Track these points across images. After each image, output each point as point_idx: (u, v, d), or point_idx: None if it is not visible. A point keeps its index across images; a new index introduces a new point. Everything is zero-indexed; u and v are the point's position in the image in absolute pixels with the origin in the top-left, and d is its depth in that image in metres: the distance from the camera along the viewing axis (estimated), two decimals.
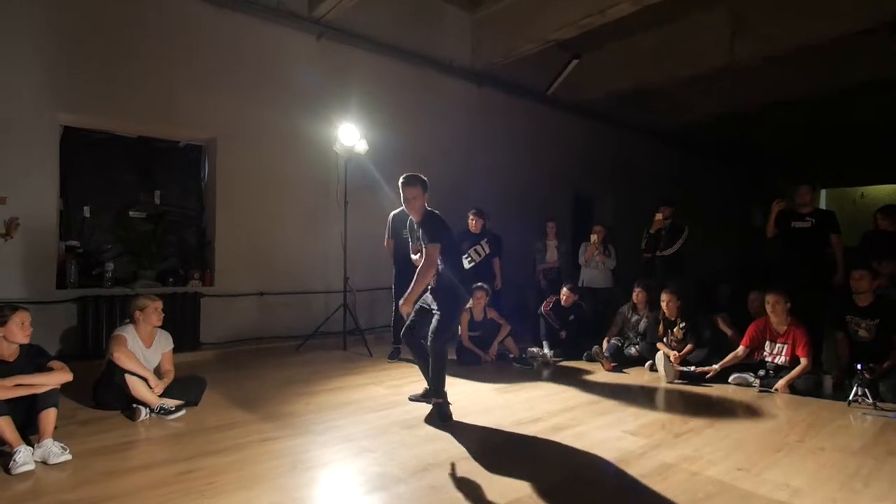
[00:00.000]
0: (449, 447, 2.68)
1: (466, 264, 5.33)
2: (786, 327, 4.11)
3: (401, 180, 3.30)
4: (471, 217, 5.40)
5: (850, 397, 3.59)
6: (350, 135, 5.25)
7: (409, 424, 3.05)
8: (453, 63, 6.92)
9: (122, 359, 3.09)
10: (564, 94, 7.95)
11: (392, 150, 6.12)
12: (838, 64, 7.07)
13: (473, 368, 4.59)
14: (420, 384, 4.05)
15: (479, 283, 4.99)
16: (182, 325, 4.74)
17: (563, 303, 5.35)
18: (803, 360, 3.95)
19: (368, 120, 5.70)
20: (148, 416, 3.05)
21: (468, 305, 4.74)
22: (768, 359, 4.17)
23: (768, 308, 4.15)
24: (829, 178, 13.20)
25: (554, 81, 7.67)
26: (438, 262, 3.19)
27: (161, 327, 3.47)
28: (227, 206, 5.22)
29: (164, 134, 5.14)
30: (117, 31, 4.56)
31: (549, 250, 6.53)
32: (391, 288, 5.14)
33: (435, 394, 3.21)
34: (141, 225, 5.06)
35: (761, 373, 4.10)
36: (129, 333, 3.26)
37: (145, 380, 3.14)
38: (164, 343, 3.44)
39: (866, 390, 3.57)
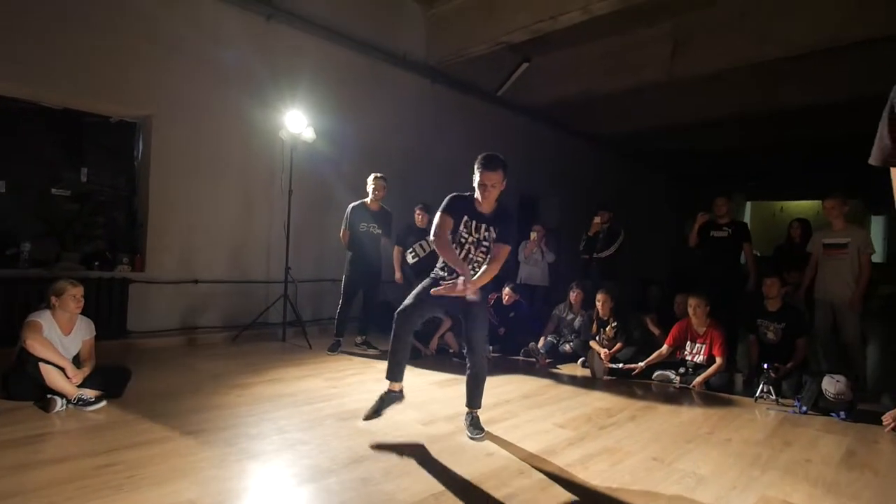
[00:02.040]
0: (382, 440, 2.70)
1: (410, 259, 5.36)
2: (705, 329, 4.42)
3: (480, 160, 2.69)
4: (417, 212, 5.43)
5: (757, 394, 3.93)
6: (297, 122, 5.15)
7: (343, 417, 3.05)
8: (407, 57, 6.90)
9: (35, 346, 2.90)
10: (515, 95, 8.13)
11: (341, 140, 6.05)
12: (770, 86, 7.61)
13: (413, 362, 4.62)
14: (361, 377, 4.05)
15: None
16: (108, 312, 4.49)
17: (504, 301, 5.49)
18: (718, 360, 4.27)
19: (317, 108, 5.60)
20: (64, 407, 2.88)
21: None
22: (688, 357, 4.47)
23: (690, 310, 4.45)
24: (755, 191, 14.24)
25: (505, 83, 7.82)
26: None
27: (84, 314, 3.28)
28: (162, 188, 4.97)
29: (94, 108, 4.82)
30: None
31: None
32: (341, 280, 5.07)
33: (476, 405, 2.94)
34: (65, 204, 4.74)
35: (681, 370, 4.40)
36: (45, 319, 3.05)
37: (62, 369, 2.96)
38: (85, 330, 3.25)
39: (771, 388, 3.91)
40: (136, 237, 5.00)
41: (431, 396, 3.63)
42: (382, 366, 4.32)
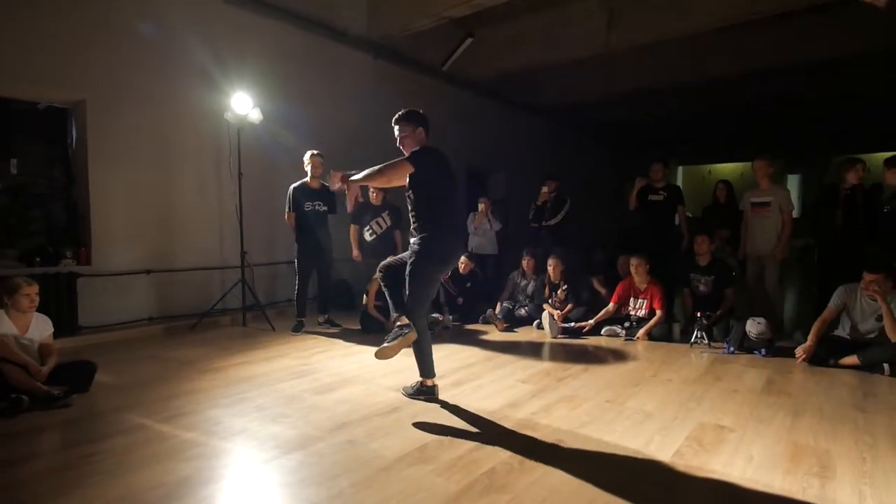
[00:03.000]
0: (360, 408, 2.86)
1: (368, 236, 5.45)
2: (646, 285, 4.83)
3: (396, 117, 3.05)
4: (371, 189, 5.49)
5: (692, 340, 4.38)
6: (243, 103, 5.04)
7: (320, 391, 3.18)
8: (349, 31, 6.81)
9: None
10: (459, 70, 8.21)
11: (287, 120, 5.97)
12: (698, 56, 8.09)
13: (378, 335, 4.75)
14: (328, 353, 4.18)
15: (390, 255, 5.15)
16: (56, 308, 4.31)
17: (461, 271, 5.70)
18: (658, 312, 4.69)
19: (263, 88, 5.49)
20: (29, 405, 2.83)
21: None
22: (632, 312, 4.88)
23: (632, 269, 4.84)
24: (687, 156, 15.11)
25: (449, 58, 7.88)
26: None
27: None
28: (103, 177, 4.76)
29: (19, 94, 4.52)
30: None
31: None
32: (294, 262, 5.11)
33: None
34: None
35: (626, 324, 4.80)
36: None
37: (25, 367, 2.90)
38: (42, 327, 3.18)
39: (704, 333, 4.37)
40: (78, 229, 4.80)
41: (400, 366, 3.77)
42: (347, 343, 4.52)
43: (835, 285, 3.97)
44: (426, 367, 3.00)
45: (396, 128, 3.05)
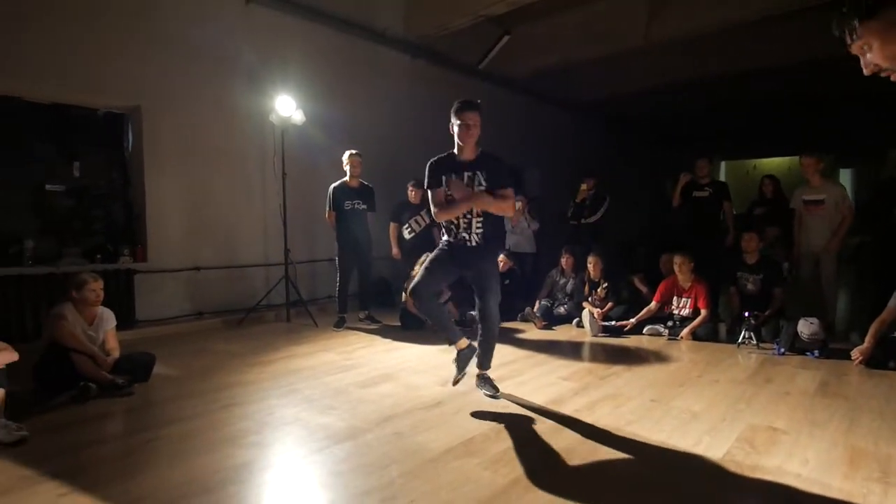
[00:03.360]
0: (404, 402, 2.92)
1: (407, 235, 5.53)
2: (690, 284, 4.72)
3: (457, 104, 2.84)
4: (410, 188, 5.57)
5: (739, 340, 4.26)
6: (286, 105, 5.20)
7: (365, 384, 3.26)
8: (387, 33, 6.90)
9: (65, 336, 3.02)
10: (495, 68, 8.20)
11: (329, 121, 6.10)
12: (744, 47, 7.82)
13: (418, 332, 4.84)
14: (370, 349, 4.26)
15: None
16: (115, 303, 4.54)
17: (499, 268, 5.70)
18: (703, 311, 4.58)
19: (304, 90, 5.63)
20: (97, 394, 3.02)
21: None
22: (675, 311, 4.78)
23: (676, 268, 4.73)
24: (729, 151, 14.61)
25: (486, 56, 7.87)
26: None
27: None
28: (157, 178, 5.01)
29: (80, 101, 4.80)
30: None
31: None
32: (334, 260, 5.23)
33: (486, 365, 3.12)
34: (61, 199, 4.76)
35: (669, 324, 4.71)
36: (68, 311, 3.16)
37: (93, 357, 3.09)
38: (106, 320, 3.37)
39: (752, 334, 4.24)
40: (135, 228, 5.06)
41: (441, 361, 3.85)
42: (387, 338, 4.61)
43: (893, 284, 3.78)
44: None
45: (471, 116, 2.78)
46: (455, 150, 2.89)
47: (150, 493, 1.94)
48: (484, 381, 3.11)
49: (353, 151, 5.12)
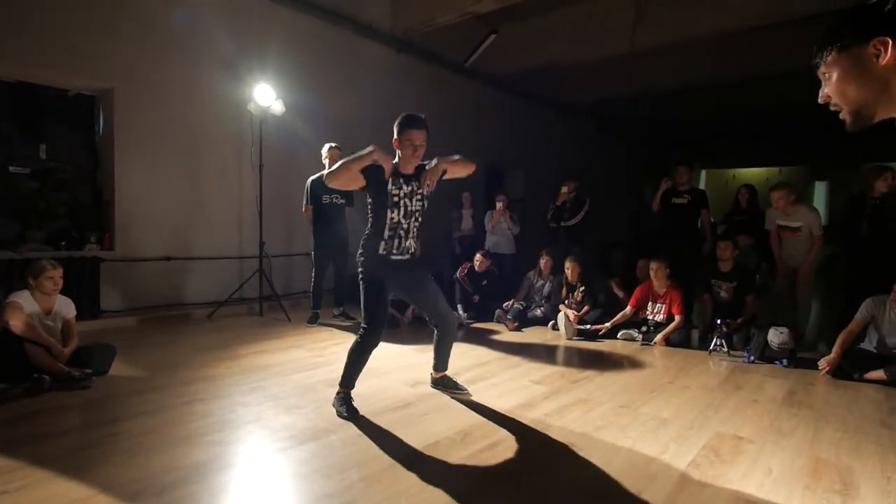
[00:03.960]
0: (372, 402, 2.86)
1: None
2: (665, 290, 4.75)
3: (404, 119, 2.72)
4: None
5: (711, 347, 4.30)
6: (266, 95, 5.09)
7: (333, 383, 3.13)
8: (373, 26, 6.81)
9: (19, 326, 2.89)
10: (482, 66, 8.16)
11: (309, 113, 6.00)
12: (727, 55, 7.91)
13: (392, 331, 4.77)
14: (343, 346, 4.18)
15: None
16: (79, 291, 4.41)
17: (476, 268, 5.68)
18: (677, 317, 4.61)
19: (286, 80, 5.52)
20: (52, 386, 2.90)
21: None
22: (650, 317, 4.81)
23: (651, 273, 4.76)
24: (710, 159, 14.83)
25: (472, 53, 7.83)
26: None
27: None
28: (128, 164, 4.85)
29: (50, 81, 4.62)
30: None
31: (465, 219, 6.86)
32: (310, 254, 5.14)
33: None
34: (25, 182, 4.58)
35: (644, 329, 4.73)
36: (24, 299, 3.04)
37: (48, 348, 2.97)
38: (65, 309, 3.25)
39: (723, 341, 4.28)
40: (102, 215, 4.90)
41: (413, 361, 3.81)
42: None
43: (862, 297, 3.85)
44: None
45: (417, 136, 2.69)
46: (395, 160, 2.75)
47: (100, 490, 1.85)
48: (445, 382, 3.09)
49: (333, 144, 5.03)
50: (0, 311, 2.95)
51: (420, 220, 2.77)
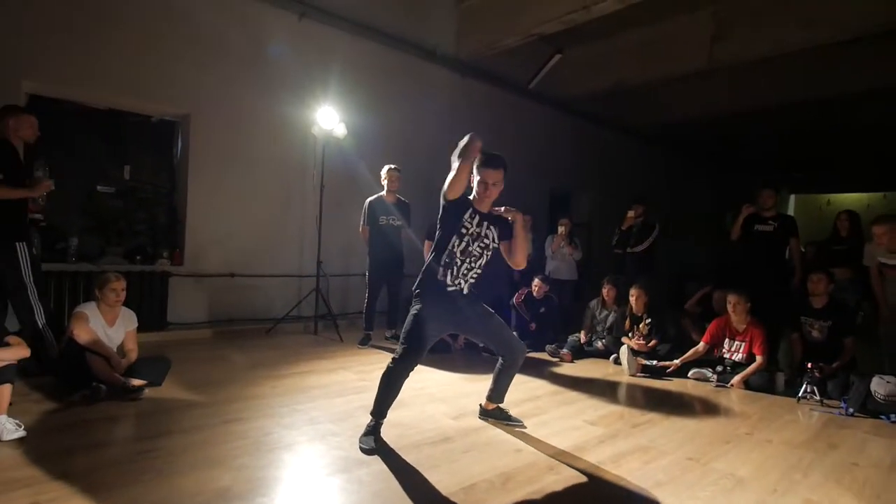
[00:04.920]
0: (411, 433, 2.71)
1: None
2: (745, 326, 4.26)
3: (481, 158, 2.62)
4: None
5: (800, 394, 3.76)
6: (329, 118, 5.21)
7: None
8: (437, 51, 6.87)
9: (81, 336, 3.04)
10: (546, 89, 8.00)
11: (371, 136, 6.09)
12: (815, 72, 7.26)
13: (443, 357, 4.63)
14: None
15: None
16: (149, 304, 4.67)
17: (535, 294, 5.43)
18: (759, 358, 4.11)
19: (348, 103, 5.65)
20: (107, 394, 3.00)
21: None
22: (727, 355, 4.32)
23: (730, 307, 4.29)
24: (800, 184, 13.63)
25: (536, 75, 7.70)
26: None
27: (127, 305, 3.43)
28: (200, 185, 5.12)
29: (135, 107, 5.00)
30: None
31: None
32: (364, 275, 5.14)
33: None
34: (109, 200, 4.95)
35: (719, 368, 4.25)
36: (90, 310, 3.20)
37: (107, 358, 3.09)
38: (127, 321, 3.39)
39: (815, 388, 3.74)
40: (175, 232, 5.17)
41: (461, 391, 3.63)
42: None
43: None
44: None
45: (492, 175, 2.61)
46: (471, 197, 2.69)
47: None
48: (498, 414, 2.94)
49: (392, 166, 5.04)
50: (68, 320, 3.11)
51: (473, 265, 2.66)
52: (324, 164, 5.39)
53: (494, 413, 2.97)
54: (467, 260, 2.64)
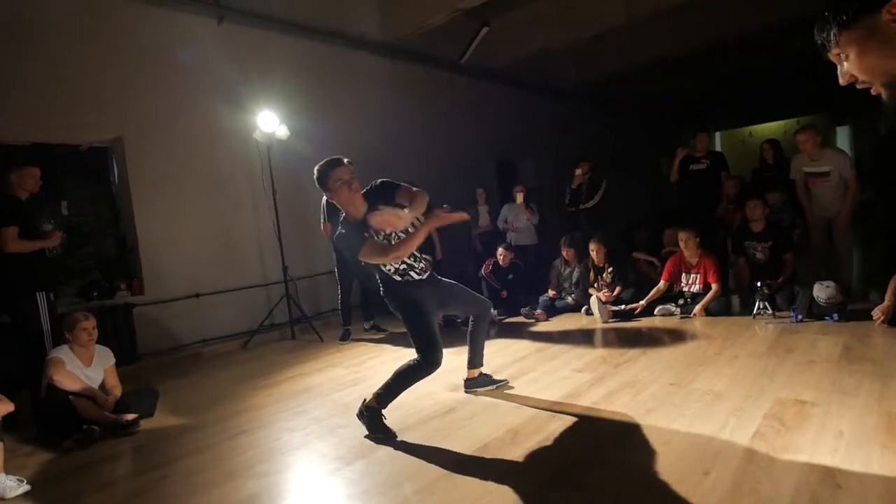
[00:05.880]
0: (416, 411, 2.82)
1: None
2: (697, 259, 4.60)
3: (325, 167, 2.63)
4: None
5: (755, 311, 4.14)
6: (269, 121, 5.11)
7: None
8: (364, 37, 6.81)
9: (63, 381, 2.94)
10: (477, 62, 8.08)
11: (314, 133, 5.99)
12: (725, 14, 7.69)
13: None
14: (378, 359, 4.16)
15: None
16: (116, 338, 4.49)
17: (500, 263, 5.61)
18: (714, 286, 4.47)
19: (288, 104, 5.54)
20: (101, 435, 2.93)
21: None
22: (685, 289, 4.67)
23: (681, 244, 4.62)
24: (721, 121, 14.44)
25: (466, 50, 7.76)
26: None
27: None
28: (146, 209, 4.92)
29: (61, 139, 4.71)
30: None
31: (482, 215, 6.79)
32: (333, 272, 5.14)
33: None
34: None
35: (681, 302, 4.60)
36: (65, 354, 3.09)
37: (93, 399, 3.01)
38: (104, 359, 3.29)
39: (766, 303, 4.13)
40: (129, 261, 4.98)
41: (451, 365, 3.69)
42: (395, 347, 4.51)
43: None
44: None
45: (345, 170, 2.58)
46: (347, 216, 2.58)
47: None
48: (481, 381, 3.07)
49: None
50: (43, 368, 3.00)
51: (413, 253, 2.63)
52: (271, 169, 5.30)
53: (479, 381, 3.07)
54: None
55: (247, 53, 5.60)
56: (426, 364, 2.55)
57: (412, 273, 2.63)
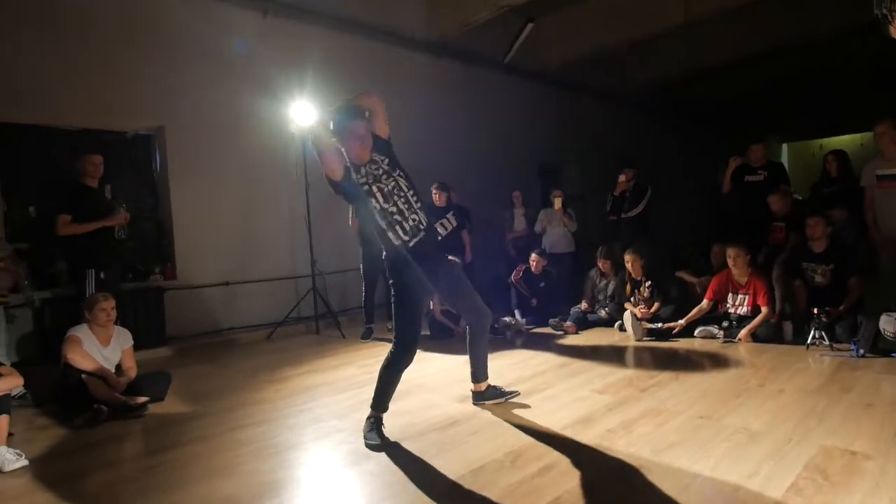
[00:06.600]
0: (418, 422, 2.68)
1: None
2: (747, 278, 4.21)
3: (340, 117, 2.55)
4: (434, 191, 5.34)
5: (809, 341, 3.72)
6: (306, 113, 5.10)
7: None
8: (410, 35, 6.73)
9: (76, 359, 2.99)
10: (522, 61, 7.86)
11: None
12: (797, 15, 7.11)
13: (445, 342, 4.58)
14: None
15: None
16: (146, 320, 4.61)
17: (532, 269, 5.38)
18: (764, 309, 4.06)
19: (325, 98, 5.52)
20: (109, 415, 2.96)
21: None
22: (731, 310, 4.28)
23: (730, 261, 4.24)
24: (790, 132, 13.49)
25: (511, 48, 7.55)
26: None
27: (123, 324, 3.40)
28: (182, 197, 5.04)
29: (108, 125, 4.88)
30: (46, 20, 4.29)
31: (517, 219, 6.57)
32: (359, 268, 5.09)
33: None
34: None
35: (725, 324, 4.21)
36: (82, 333, 3.15)
37: (105, 379, 3.05)
38: (122, 340, 3.34)
39: (823, 333, 3.69)
40: (164, 247, 5.11)
41: (464, 374, 3.54)
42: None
43: None
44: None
45: (359, 126, 2.56)
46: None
47: None
48: (488, 394, 2.88)
49: None
50: (61, 345, 3.07)
51: (410, 202, 2.51)
52: (306, 162, 5.30)
53: (488, 393, 2.89)
54: (398, 201, 2.49)
55: (289, 47, 5.64)
56: (393, 358, 2.49)
57: (399, 230, 2.47)
